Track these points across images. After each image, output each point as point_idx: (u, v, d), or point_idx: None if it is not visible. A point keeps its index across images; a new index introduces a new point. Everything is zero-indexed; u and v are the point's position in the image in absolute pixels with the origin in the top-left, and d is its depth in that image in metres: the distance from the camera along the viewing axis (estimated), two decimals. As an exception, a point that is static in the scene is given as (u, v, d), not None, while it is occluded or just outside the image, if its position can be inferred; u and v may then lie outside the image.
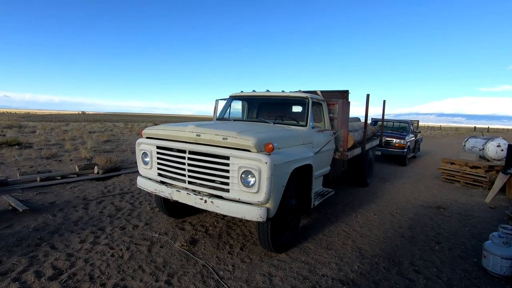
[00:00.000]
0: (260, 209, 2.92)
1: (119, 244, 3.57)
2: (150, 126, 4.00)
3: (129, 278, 2.89)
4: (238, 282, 2.91)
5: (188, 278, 2.93)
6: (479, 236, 4.29)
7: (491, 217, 5.21)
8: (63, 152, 10.32)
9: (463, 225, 4.77)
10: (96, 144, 12.77)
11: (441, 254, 3.70)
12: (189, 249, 3.51)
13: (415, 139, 12.10)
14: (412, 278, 3.13)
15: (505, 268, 3.13)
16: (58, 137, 15.23)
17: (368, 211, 5.28)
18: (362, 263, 3.40)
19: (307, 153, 3.76)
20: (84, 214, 4.45)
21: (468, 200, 6.32)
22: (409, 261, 3.49)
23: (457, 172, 7.86)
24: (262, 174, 2.86)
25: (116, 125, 30.83)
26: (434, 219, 4.98)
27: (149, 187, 3.72)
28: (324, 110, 4.95)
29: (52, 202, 4.90)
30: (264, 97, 5.23)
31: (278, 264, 3.27)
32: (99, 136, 16.12)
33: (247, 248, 3.63)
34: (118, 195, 5.50)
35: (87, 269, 2.99)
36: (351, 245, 3.85)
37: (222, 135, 3.13)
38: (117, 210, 4.69)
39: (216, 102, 5.52)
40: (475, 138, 8.88)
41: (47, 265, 3.03)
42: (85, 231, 3.87)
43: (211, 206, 3.13)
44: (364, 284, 2.98)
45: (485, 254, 3.30)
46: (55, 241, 3.56)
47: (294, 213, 3.64)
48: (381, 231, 4.35)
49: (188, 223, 4.30)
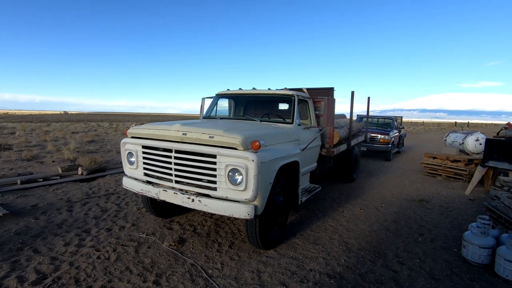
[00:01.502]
0: (248, 206, 2.94)
1: (105, 246, 3.51)
2: (135, 126, 3.94)
3: (116, 279, 2.86)
4: (227, 280, 2.92)
5: (177, 278, 2.92)
6: (459, 227, 4.47)
7: (470, 208, 5.42)
8: (45, 153, 10.01)
9: (445, 217, 4.94)
10: (80, 144, 12.45)
11: (424, 246, 3.83)
12: (177, 249, 3.49)
13: (399, 135, 12.41)
14: (396, 270, 3.23)
15: (483, 257, 3.27)
16: (39, 138, 14.76)
17: (355, 205, 5.39)
18: (348, 256, 3.48)
19: (293, 150, 3.80)
20: (68, 217, 4.35)
21: (449, 192, 6.54)
22: (394, 253, 3.59)
23: (439, 166, 8.12)
24: (249, 171, 2.88)
25: (101, 125, 30.13)
26: (417, 212, 5.14)
27: (136, 188, 3.68)
28: (310, 107, 5.01)
29: (34, 205, 4.76)
30: (250, 95, 5.23)
31: (267, 261, 3.30)
32: (83, 136, 15.72)
33: (235, 245, 3.64)
34: (104, 196, 5.40)
35: (72, 272, 2.94)
36: (338, 239, 3.93)
37: (208, 133, 3.13)
38: (103, 212, 4.61)
39: (203, 101, 5.49)
40: (455, 133, 9.19)
41: (30, 269, 2.95)
42: (70, 234, 3.79)
43: (198, 205, 3.12)
44: (351, 277, 3.06)
45: (465, 244, 3.44)
46: (38, 245, 3.46)
47: (282, 210, 3.68)
48: (366, 225, 4.45)
49: (176, 222, 4.27)
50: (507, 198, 3.89)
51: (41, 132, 18.20)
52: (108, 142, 13.79)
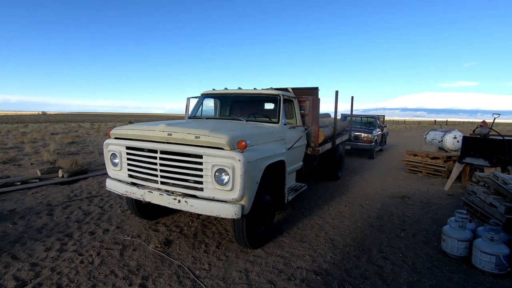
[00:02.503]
0: (234, 206, 2.94)
1: (88, 249, 3.42)
2: (118, 126, 3.86)
3: (101, 284, 2.79)
4: (215, 280, 2.91)
5: (164, 280, 2.89)
6: (439, 221, 4.64)
7: (449, 203, 5.64)
8: (22, 155, 9.63)
9: (425, 212, 5.12)
10: (60, 146, 12.04)
11: (406, 240, 3.96)
12: (164, 251, 3.45)
13: (382, 133, 12.73)
14: (380, 265, 3.32)
15: (461, 250, 3.42)
16: (16, 139, 14.17)
17: (340, 203, 5.49)
18: (334, 253, 3.55)
19: (279, 150, 3.83)
20: (48, 221, 4.21)
21: (430, 189, 6.78)
22: (378, 249, 3.69)
23: (419, 163, 8.39)
24: (236, 171, 2.88)
25: (82, 126, 29.24)
26: (400, 208, 5.30)
27: (120, 189, 3.60)
28: (295, 107, 5.06)
29: (12, 210, 4.57)
30: (236, 95, 5.23)
31: (254, 260, 3.32)
32: (63, 137, 15.21)
33: (223, 245, 3.64)
34: (86, 199, 5.25)
35: (54, 278, 2.84)
36: (324, 236, 3.99)
37: (194, 133, 3.10)
38: (86, 215, 4.49)
39: (188, 100, 5.44)
40: (434, 131, 9.51)
41: (9, 276, 2.84)
42: (51, 239, 3.66)
43: (185, 205, 3.09)
44: (337, 273, 3.12)
45: (444, 237, 3.58)
46: (16, 251, 3.33)
47: (269, 209, 3.70)
48: (351, 222, 4.55)
49: (162, 224, 4.22)
50: (483, 193, 4.08)
51: (17, 134, 17.47)
52: (90, 143, 13.40)
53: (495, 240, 3.14)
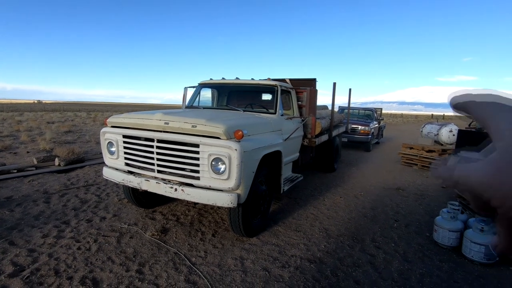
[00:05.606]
0: (231, 195, 2.97)
1: (85, 237, 3.45)
2: (115, 115, 3.85)
3: (98, 269, 2.84)
4: (211, 267, 2.97)
5: (160, 266, 2.94)
6: (431, 213, 4.72)
7: (442, 195, 5.72)
8: (18, 144, 9.57)
9: (419, 203, 5.20)
10: (56, 135, 11.98)
11: (399, 231, 4.03)
12: (160, 238, 3.49)
13: (379, 126, 12.78)
14: (373, 254, 3.39)
15: (452, 240, 3.50)
16: (12, 128, 14.04)
17: (335, 194, 5.56)
18: (328, 242, 3.61)
19: (276, 140, 3.85)
20: (45, 208, 4.23)
21: (424, 181, 6.87)
22: (371, 238, 3.76)
23: (415, 156, 8.47)
24: (232, 160, 2.90)
25: (78, 115, 29.00)
26: (394, 199, 5.38)
27: (116, 178, 3.61)
28: (292, 97, 5.06)
29: (9, 197, 4.58)
30: (233, 85, 5.21)
31: (250, 248, 3.37)
32: (59, 126, 15.11)
33: (219, 234, 3.69)
34: (83, 187, 5.27)
35: (52, 264, 2.88)
36: (318, 226, 4.06)
37: (191, 122, 3.11)
38: (83, 203, 4.51)
39: (185, 90, 5.41)
40: (431, 124, 9.58)
41: (7, 262, 2.87)
42: (48, 226, 3.69)
43: (181, 194, 3.12)
44: (330, 261, 3.19)
45: (436, 228, 3.65)
46: (14, 237, 3.36)
47: (265, 198, 3.75)
48: (346, 212, 4.62)
49: (159, 212, 4.26)
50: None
51: (13, 122, 17.30)
52: (87, 133, 13.34)
53: (485, 231, 3.22)
